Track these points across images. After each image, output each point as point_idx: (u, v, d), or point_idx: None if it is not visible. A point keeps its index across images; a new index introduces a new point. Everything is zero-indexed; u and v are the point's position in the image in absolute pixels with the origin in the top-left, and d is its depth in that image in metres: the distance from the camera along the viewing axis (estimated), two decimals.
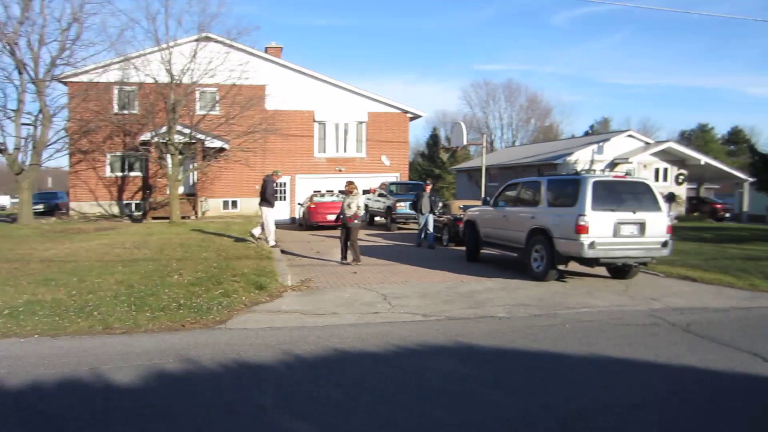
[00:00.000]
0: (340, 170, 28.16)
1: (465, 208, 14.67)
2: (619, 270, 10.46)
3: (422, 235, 15.87)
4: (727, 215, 31.81)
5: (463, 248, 13.78)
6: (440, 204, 16.57)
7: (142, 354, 5.59)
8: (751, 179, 25.56)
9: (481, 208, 13.02)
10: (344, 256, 12.47)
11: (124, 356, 5.52)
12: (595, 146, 29.66)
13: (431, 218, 15.78)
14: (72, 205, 24.94)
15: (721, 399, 4.49)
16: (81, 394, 4.56)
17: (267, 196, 14.10)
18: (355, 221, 12.41)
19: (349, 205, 12.41)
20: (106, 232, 16.74)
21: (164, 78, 20.98)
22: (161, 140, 21.22)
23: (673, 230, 10.02)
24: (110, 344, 5.97)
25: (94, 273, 9.53)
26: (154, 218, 22.73)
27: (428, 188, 16.28)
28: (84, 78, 22.00)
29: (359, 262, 12.22)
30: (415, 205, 16.37)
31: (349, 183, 12.90)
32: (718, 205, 32.54)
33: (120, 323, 6.74)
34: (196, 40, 21.62)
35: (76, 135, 22.79)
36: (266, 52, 27.63)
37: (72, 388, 4.70)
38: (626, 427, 3.98)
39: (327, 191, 24.64)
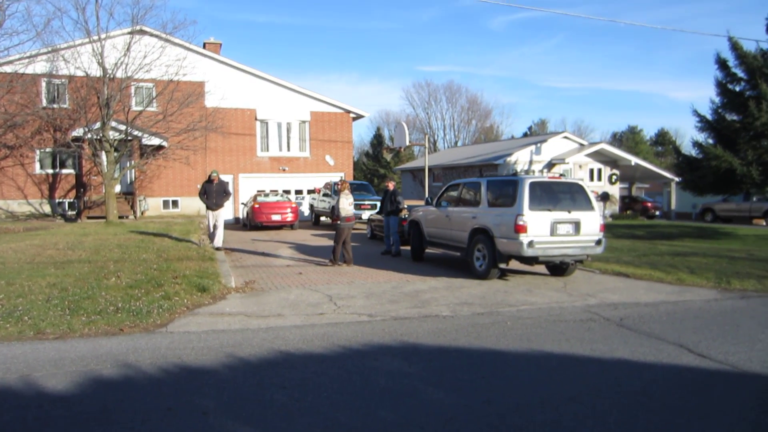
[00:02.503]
0: (284, 170, 27.88)
1: (410, 208, 14.76)
2: (557, 267, 10.84)
3: (391, 241, 14.12)
4: (657, 213, 33.40)
5: (408, 248, 13.92)
6: (401, 204, 14.32)
7: (77, 360, 5.39)
8: (677, 179, 26.98)
9: (425, 208, 13.18)
10: (336, 258, 11.95)
11: (57, 362, 5.30)
12: (533, 147, 30.55)
13: (392, 221, 14.12)
14: None
15: (650, 389, 4.74)
16: (11, 403, 4.35)
17: (207, 198, 13.83)
18: (338, 222, 11.98)
19: (339, 206, 12.10)
20: (37, 232, 15.97)
21: (96, 71, 20.13)
22: (95, 136, 20.37)
23: (608, 228, 10.47)
24: (42, 350, 5.72)
25: (23, 275, 9.08)
26: (90, 218, 21.87)
27: (390, 185, 14.64)
28: (8, 69, 20.74)
29: (342, 264, 11.90)
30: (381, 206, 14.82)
31: (341, 182, 12.51)
32: (649, 204, 34.11)
33: (53, 328, 6.46)
34: (130, 33, 20.82)
35: (1, 129, 21.57)
36: (204, 47, 27.01)
37: (0, 397, 4.48)
38: (563, 419, 4.14)
39: (271, 191, 24.36)
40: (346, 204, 12.04)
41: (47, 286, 8.36)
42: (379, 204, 18.25)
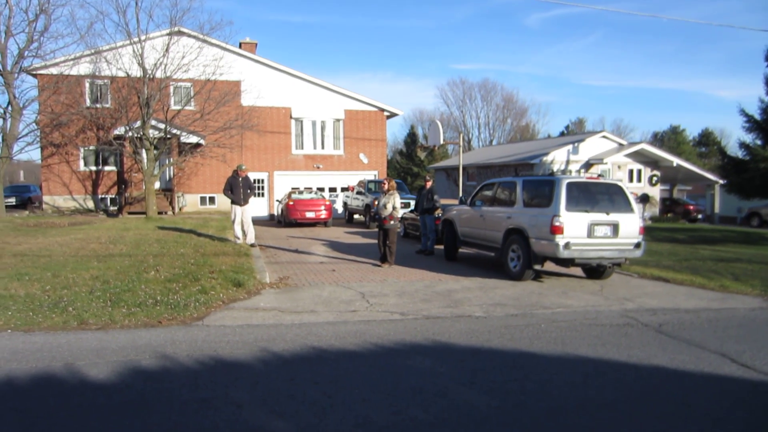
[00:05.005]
0: (318, 167, 28.10)
1: (443, 207, 14.69)
2: (594, 270, 10.64)
3: (427, 241, 14.02)
4: (700, 216, 32.50)
5: (442, 247, 13.86)
6: (437, 202, 14.14)
7: (117, 350, 5.54)
8: (721, 181, 26.18)
9: (458, 207, 13.11)
10: (383, 259, 11.76)
11: (99, 352, 5.46)
12: (570, 147, 30.04)
13: (428, 219, 14.06)
14: (45, 198, 24.46)
15: (690, 399, 4.61)
16: (55, 390, 4.50)
17: (232, 193, 13.50)
18: (392, 222, 11.64)
19: (384, 205, 11.73)
20: (81, 227, 16.48)
21: (137, 72, 20.70)
22: (135, 135, 20.94)
23: (648, 231, 10.22)
24: (85, 340, 5.90)
25: (68, 268, 9.39)
26: (130, 213, 22.45)
27: (428, 184, 14.54)
28: (54, 70, 21.55)
29: (392, 265, 11.67)
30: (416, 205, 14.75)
31: (388, 180, 12.28)
32: (691, 207, 33.23)
33: (95, 319, 6.66)
34: (169, 34, 21.34)
35: (48, 128, 22.38)
36: (240, 47, 27.45)
37: (46, 383, 4.64)
38: (599, 426, 4.07)
39: (305, 188, 24.58)
40: (398, 204, 11.87)
41: (90, 279, 8.62)
42: (413, 202, 18.24)
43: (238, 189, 13.49)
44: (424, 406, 4.30)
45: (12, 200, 28.84)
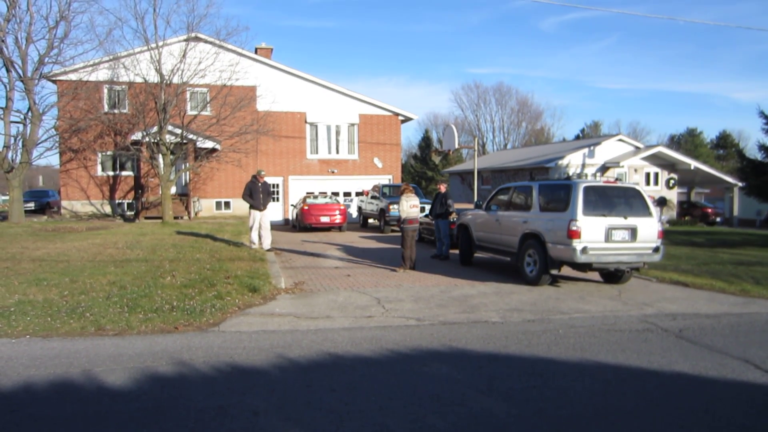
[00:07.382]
0: (333, 172, 28.14)
1: (458, 211, 14.60)
2: (612, 275, 10.51)
3: (442, 246, 13.93)
4: (718, 219, 32.06)
5: (457, 251, 13.78)
6: (451, 207, 14.07)
7: (134, 356, 5.56)
8: (740, 184, 25.80)
9: (474, 211, 13.03)
10: (406, 262, 11.83)
11: (116, 358, 5.48)
12: (586, 150, 29.78)
13: (442, 224, 13.95)
14: (63, 203, 24.75)
15: (713, 406, 4.51)
16: (73, 397, 4.52)
17: (252, 198, 13.56)
18: (403, 225, 11.84)
19: (400, 208, 12.10)
20: (99, 232, 16.63)
21: (154, 78, 20.89)
22: (152, 140, 21.13)
23: (665, 234, 10.08)
24: (102, 346, 5.93)
25: (86, 273, 9.46)
26: (147, 218, 22.64)
27: (442, 188, 14.61)
28: (73, 76, 21.85)
29: (406, 269, 11.74)
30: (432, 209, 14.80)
31: (404, 184, 12.58)
32: (709, 210, 32.78)
33: (112, 325, 6.70)
34: (186, 40, 21.53)
35: (66, 133, 22.67)
36: (256, 53, 27.61)
37: (64, 390, 4.66)
38: None
39: (320, 193, 24.64)
40: (407, 207, 11.98)
41: (107, 284, 8.68)
42: (428, 207, 18.20)
43: (258, 194, 13.56)
44: (442, 414, 4.25)
45: (31, 205, 29.25)
